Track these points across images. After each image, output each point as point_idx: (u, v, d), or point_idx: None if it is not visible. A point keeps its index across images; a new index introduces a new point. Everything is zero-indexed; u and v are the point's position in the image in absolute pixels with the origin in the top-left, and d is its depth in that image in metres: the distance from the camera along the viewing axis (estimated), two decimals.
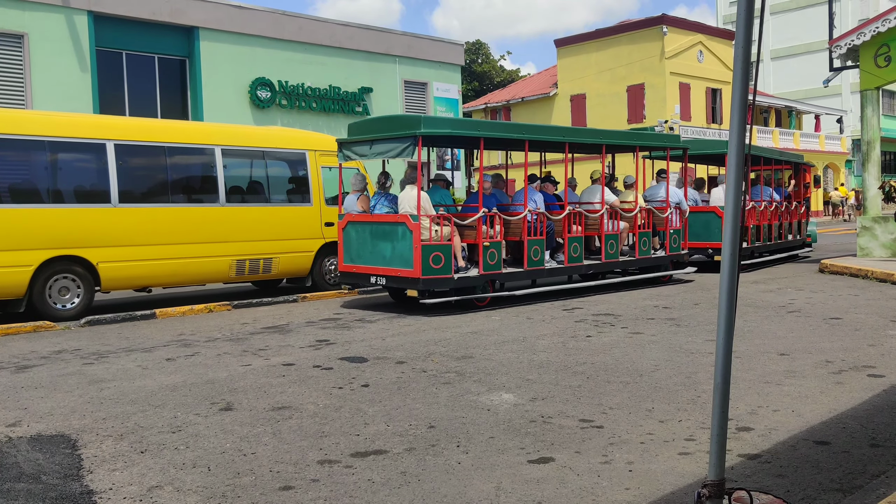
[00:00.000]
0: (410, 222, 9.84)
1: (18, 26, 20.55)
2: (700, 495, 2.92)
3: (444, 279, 9.93)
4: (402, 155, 10.12)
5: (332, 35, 27.58)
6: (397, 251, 10.05)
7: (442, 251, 9.89)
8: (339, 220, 11.12)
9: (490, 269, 10.42)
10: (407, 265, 9.86)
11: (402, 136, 10.01)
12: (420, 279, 9.72)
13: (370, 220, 10.63)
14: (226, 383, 6.13)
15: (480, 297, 10.56)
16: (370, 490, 3.74)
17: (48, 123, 10.09)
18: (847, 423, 4.71)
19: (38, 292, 9.70)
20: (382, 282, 10.32)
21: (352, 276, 10.84)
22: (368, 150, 10.59)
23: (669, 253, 13.26)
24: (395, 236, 10.11)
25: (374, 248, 10.43)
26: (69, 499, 3.70)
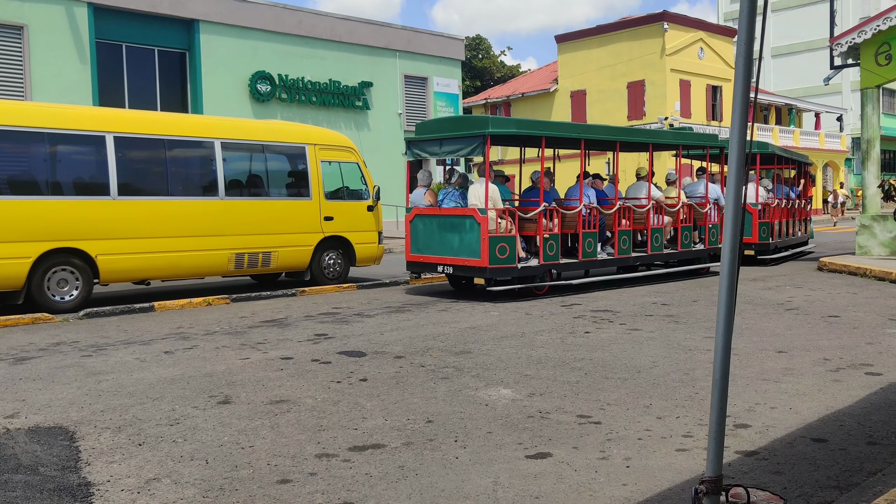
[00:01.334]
0: (478, 215, 10.52)
1: (18, 17, 20.50)
2: (697, 491, 2.92)
3: (509, 268, 10.63)
4: (471, 153, 11.04)
5: (332, 29, 27.54)
6: (465, 242, 10.74)
7: (507, 242, 10.57)
8: (407, 213, 11.84)
9: (549, 259, 11.15)
10: (474, 255, 10.56)
11: (472, 135, 10.76)
12: (487, 268, 10.41)
13: (438, 213, 11.33)
14: (224, 376, 6.13)
15: (539, 285, 11.21)
16: (368, 484, 3.74)
17: (47, 115, 10.07)
18: (844, 421, 4.71)
19: (37, 284, 9.69)
20: (449, 270, 11.05)
21: (418, 265, 11.58)
22: (438, 148, 11.36)
23: (708, 246, 14.14)
24: (462, 228, 10.80)
25: (442, 239, 11.14)
26: (67, 490, 3.70)
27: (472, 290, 11.79)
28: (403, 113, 29.94)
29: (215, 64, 24.36)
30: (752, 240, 15.68)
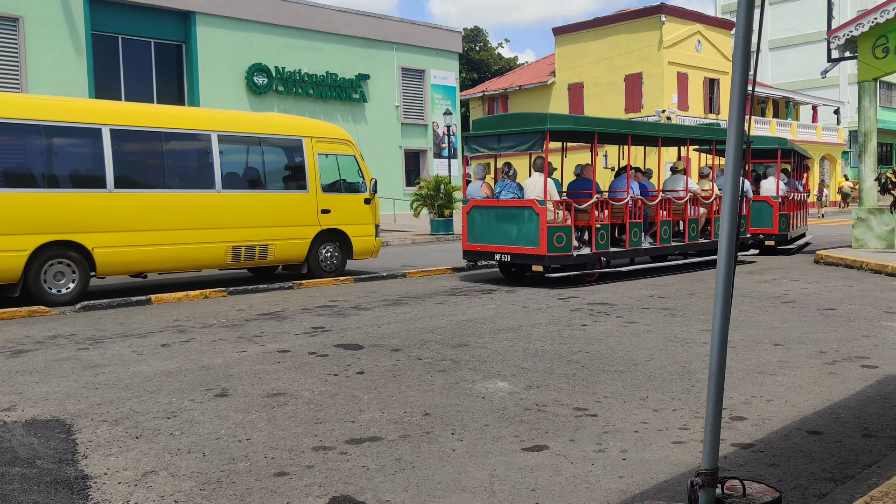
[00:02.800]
0: (537, 206, 11.16)
1: (14, 9, 20.42)
2: (693, 484, 2.93)
3: (566, 256, 11.31)
4: (531, 148, 11.65)
5: (329, 21, 27.47)
6: (523, 231, 11.34)
7: (564, 232, 11.22)
8: (464, 205, 12.35)
9: (600, 248, 11.85)
10: (533, 244, 11.16)
11: (532, 131, 11.39)
12: (546, 256, 11.04)
13: (496, 204, 11.88)
14: (221, 369, 6.13)
15: (590, 272, 11.86)
16: (365, 476, 3.75)
17: (43, 108, 10.04)
18: (840, 414, 4.73)
19: (34, 277, 9.68)
20: (507, 258, 11.64)
21: (475, 253, 12.18)
22: (497, 143, 11.98)
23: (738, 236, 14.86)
24: (521, 219, 11.41)
25: (499, 229, 11.73)
26: (64, 483, 3.71)
27: (521, 278, 12.43)
28: (401, 105, 29.90)
29: (212, 56, 24.29)
30: (773, 230, 16.32)
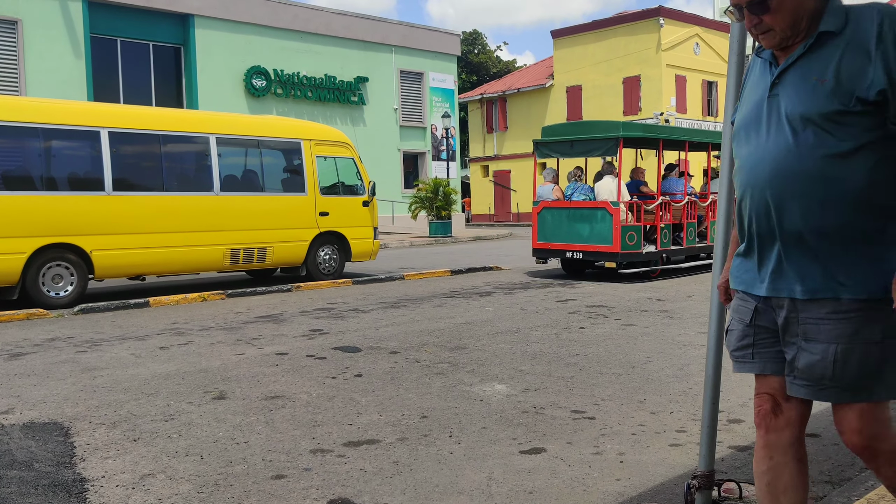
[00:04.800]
0: (611, 207, 12.03)
1: (12, 12, 20.44)
2: (690, 486, 2.94)
3: (636, 253, 12.23)
4: (604, 154, 12.66)
5: (327, 24, 27.49)
6: (596, 231, 12.16)
7: (635, 231, 12.17)
8: (535, 206, 13.15)
9: (664, 245, 12.86)
10: (606, 242, 12.01)
11: (606, 137, 12.26)
12: (619, 253, 11.94)
13: (567, 205, 12.72)
14: (219, 372, 6.13)
15: (653, 269, 12.71)
16: (362, 479, 3.75)
17: (42, 110, 10.06)
18: None
19: (32, 280, 9.68)
20: (578, 256, 12.43)
21: (546, 251, 13.01)
22: (569, 149, 12.84)
23: None
24: (594, 219, 12.23)
25: (571, 228, 12.54)
26: (62, 486, 3.71)
27: (581, 273, 13.35)
28: (399, 108, 29.92)
29: (210, 59, 24.31)
30: None
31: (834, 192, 2.06)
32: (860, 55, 2.03)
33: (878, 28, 2.01)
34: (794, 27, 2.12)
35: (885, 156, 2.06)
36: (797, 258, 2.15)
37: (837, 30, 2.08)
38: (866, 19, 2.05)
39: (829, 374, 2.12)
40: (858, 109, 2.02)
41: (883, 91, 1.99)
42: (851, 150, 2.04)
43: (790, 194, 2.11)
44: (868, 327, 2.08)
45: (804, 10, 2.12)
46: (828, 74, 2.05)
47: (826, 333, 2.12)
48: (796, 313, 2.17)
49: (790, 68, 2.15)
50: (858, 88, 2.01)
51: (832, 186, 2.06)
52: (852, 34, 2.05)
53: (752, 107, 2.26)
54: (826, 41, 2.09)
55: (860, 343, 2.08)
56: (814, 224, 2.09)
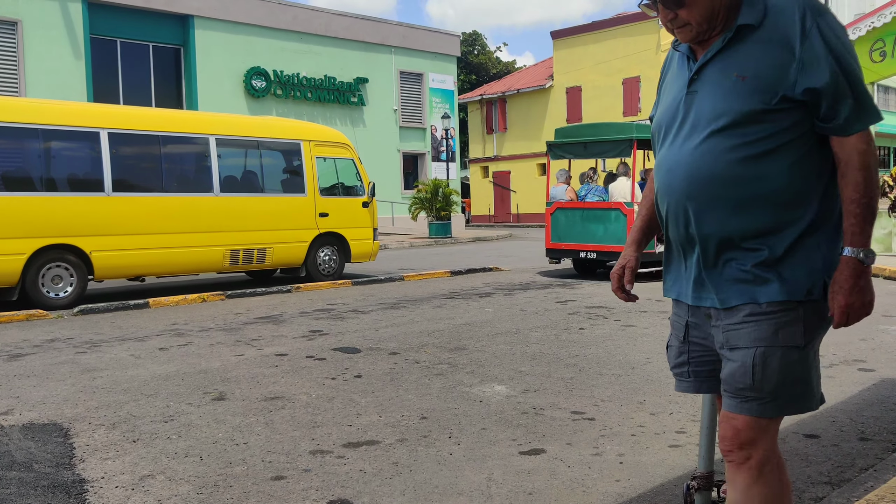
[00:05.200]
0: (625, 208, 12.20)
1: (12, 13, 20.44)
2: (689, 487, 2.93)
3: (650, 253, 12.02)
4: (618, 155, 12.72)
5: (327, 25, 27.50)
6: (609, 231, 12.31)
7: None
8: (548, 206, 13.29)
9: None
10: (620, 242, 12.00)
11: (620, 139, 12.44)
12: None
13: (581, 206, 12.93)
14: (219, 373, 6.13)
15: None
16: (362, 480, 3.75)
17: (42, 111, 10.06)
18: (837, 417, 4.73)
19: (31, 281, 9.68)
20: (592, 256, 12.57)
21: (559, 251, 13.21)
22: (583, 150, 13.04)
23: None
24: (607, 219, 12.41)
25: (584, 228, 12.72)
26: (61, 487, 3.71)
27: (593, 273, 13.49)
28: (399, 109, 29.93)
29: (210, 60, 24.31)
30: None
31: (752, 194, 1.96)
32: (782, 50, 1.92)
33: (801, 22, 1.91)
34: (710, 21, 2.01)
35: (806, 154, 1.97)
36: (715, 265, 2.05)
37: (756, 23, 1.97)
38: (786, 12, 1.94)
39: (750, 383, 2.00)
40: (781, 107, 1.92)
41: (813, 90, 1.89)
42: (771, 149, 1.94)
43: (707, 199, 2.00)
44: (788, 330, 1.98)
45: (720, 2, 2.01)
46: (748, 71, 1.94)
47: (745, 337, 2.00)
48: (720, 322, 2.07)
49: (708, 64, 2.04)
50: (782, 86, 1.91)
51: (750, 189, 1.95)
52: (772, 27, 1.95)
53: (670, 104, 2.14)
54: (745, 35, 1.99)
55: (780, 347, 1.98)
56: (732, 229, 1.99)
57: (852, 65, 1.91)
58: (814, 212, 1.98)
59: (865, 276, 1.98)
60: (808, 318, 1.99)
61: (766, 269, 1.98)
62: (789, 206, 1.96)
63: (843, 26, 1.96)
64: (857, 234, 1.96)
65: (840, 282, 1.96)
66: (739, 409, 2.04)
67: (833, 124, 1.93)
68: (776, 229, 1.97)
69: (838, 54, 1.90)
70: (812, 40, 1.89)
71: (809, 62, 1.89)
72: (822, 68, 1.88)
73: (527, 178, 40.30)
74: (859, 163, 1.92)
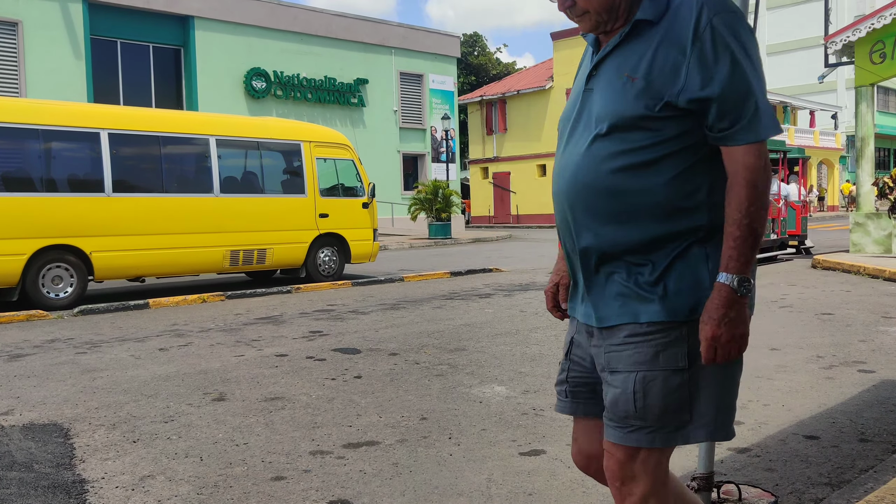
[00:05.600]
0: None
1: (13, 13, 20.45)
2: (689, 488, 2.94)
3: None
4: None
5: (327, 26, 27.50)
6: None
7: None
8: None
9: None
10: None
11: None
12: None
13: None
14: (219, 374, 6.14)
15: None
16: (362, 481, 3.75)
17: (42, 112, 10.06)
18: (836, 418, 4.73)
19: (32, 281, 9.69)
20: None
21: None
22: None
23: (780, 236, 16.55)
24: None
25: None
26: (61, 487, 3.71)
27: None
28: (399, 110, 29.94)
29: (210, 60, 24.32)
30: (797, 232, 17.40)
31: (633, 206, 1.79)
32: (675, 52, 1.73)
33: (696, 21, 1.71)
34: (610, 10, 1.83)
35: (695, 165, 1.78)
36: (595, 279, 1.89)
37: (655, 18, 1.78)
38: (685, 7, 1.74)
39: (633, 411, 1.82)
40: (665, 115, 1.74)
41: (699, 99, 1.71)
42: (654, 159, 1.76)
43: (585, 208, 1.84)
44: (670, 353, 1.79)
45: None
46: (638, 71, 1.76)
47: (625, 360, 1.83)
48: (602, 342, 1.91)
49: (606, 60, 1.85)
50: (668, 92, 1.72)
51: (631, 200, 1.78)
52: (670, 25, 1.75)
53: (571, 102, 1.97)
54: (642, 31, 1.79)
55: (661, 371, 1.79)
56: (612, 242, 1.82)
57: (748, 69, 1.72)
58: (702, 225, 1.80)
59: (738, 307, 1.73)
60: (694, 339, 1.79)
61: (648, 286, 1.81)
62: (673, 220, 1.78)
63: (746, 26, 1.75)
64: (734, 259, 1.72)
65: (709, 310, 1.74)
66: (625, 439, 1.86)
67: (719, 133, 1.74)
68: (659, 244, 1.79)
69: (733, 57, 1.70)
70: (705, 41, 1.70)
71: (700, 65, 1.70)
72: (712, 72, 1.70)
73: (526, 179, 40.31)
74: (745, 178, 1.72)
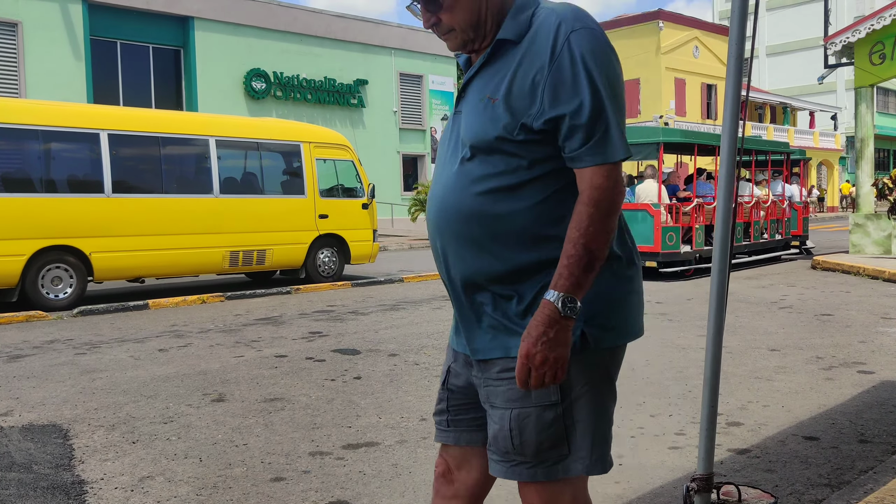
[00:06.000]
0: (651, 209, 12.57)
1: (13, 14, 20.45)
2: (688, 489, 2.93)
3: (675, 253, 12.82)
4: (645, 158, 13.14)
5: (327, 26, 27.50)
6: (636, 231, 12.37)
7: (674, 231, 12.80)
8: None
9: (699, 245, 13.40)
10: (647, 242, 12.49)
11: (647, 142, 12.76)
12: (660, 253, 12.53)
13: None
14: (218, 374, 6.13)
15: (688, 268, 13.24)
16: (361, 482, 3.75)
17: (42, 112, 10.06)
18: (836, 419, 4.74)
19: (31, 282, 9.68)
20: None
21: None
22: None
23: (784, 236, 16.91)
24: (634, 220, 12.58)
25: None
26: (60, 488, 3.71)
27: None
28: (399, 111, 29.94)
29: (210, 61, 24.31)
30: (798, 233, 17.63)
31: (496, 234, 1.71)
32: (533, 72, 1.66)
33: (553, 40, 1.65)
34: (476, 28, 1.77)
35: (561, 191, 1.71)
36: (466, 310, 1.82)
37: (517, 38, 1.71)
38: (545, 27, 1.68)
39: (511, 447, 1.76)
40: (524, 138, 1.67)
41: (552, 119, 1.65)
42: (518, 184, 1.69)
43: (452, 236, 1.76)
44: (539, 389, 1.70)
45: (485, 7, 1.77)
46: (499, 93, 1.69)
47: (501, 396, 1.77)
48: (480, 374, 1.84)
49: (473, 80, 1.79)
50: (526, 114, 1.66)
51: (494, 228, 1.71)
52: (530, 45, 1.69)
53: (448, 124, 1.91)
54: (505, 51, 1.73)
55: (533, 407, 1.73)
56: (477, 271, 1.75)
57: (602, 90, 1.64)
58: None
59: (559, 328, 1.63)
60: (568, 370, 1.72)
61: (517, 319, 1.74)
62: (539, 248, 1.71)
63: (605, 45, 1.69)
64: (564, 278, 1.63)
65: (529, 328, 1.65)
66: (508, 473, 1.82)
67: (570, 154, 1.67)
68: (524, 274, 1.72)
69: (588, 77, 1.63)
70: (562, 60, 1.63)
71: (555, 85, 1.64)
72: (565, 92, 1.63)
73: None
74: (589, 197, 1.64)
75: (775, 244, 16.43)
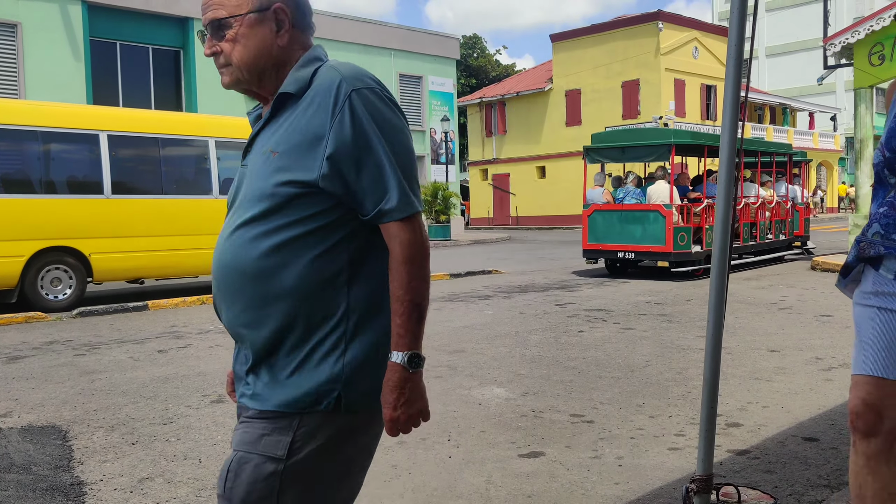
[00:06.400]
0: (663, 210, 12.71)
1: (12, 15, 20.44)
2: (688, 490, 2.94)
3: (686, 253, 12.89)
4: (656, 160, 13.47)
5: (326, 27, 27.48)
6: (648, 232, 12.86)
7: (685, 232, 12.89)
8: (585, 209, 13.76)
9: (709, 245, 13.14)
10: (659, 242, 12.73)
11: (659, 144, 13.02)
12: (672, 253, 12.71)
13: (619, 208, 13.43)
14: (217, 375, 6.13)
15: (698, 267, 13.26)
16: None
17: (41, 113, 10.06)
18: (836, 420, 4.73)
19: (31, 283, 9.68)
20: (630, 256, 13.14)
21: (597, 252, 13.68)
22: (621, 154, 13.67)
23: (788, 237, 17.05)
24: (646, 220, 12.90)
25: (623, 230, 13.20)
26: (59, 490, 3.70)
27: (624, 272, 14.00)
28: None
29: (210, 62, 24.16)
30: (800, 233, 17.69)
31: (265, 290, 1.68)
32: (314, 128, 1.66)
33: (335, 97, 1.66)
34: (252, 72, 1.77)
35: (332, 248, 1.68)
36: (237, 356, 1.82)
37: (298, 93, 1.72)
38: (325, 84, 1.70)
39: (222, 490, 1.69)
40: (300, 192, 1.65)
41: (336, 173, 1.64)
42: (288, 239, 1.67)
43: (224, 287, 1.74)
44: (272, 439, 1.67)
45: (268, 54, 1.77)
46: (280, 147, 1.68)
47: (236, 438, 1.73)
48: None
49: (260, 133, 1.80)
50: (304, 167, 1.64)
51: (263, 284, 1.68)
52: (311, 101, 1.69)
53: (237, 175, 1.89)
54: (288, 105, 1.74)
55: (257, 454, 1.67)
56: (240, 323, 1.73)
57: (380, 150, 1.66)
58: (340, 313, 1.69)
59: (412, 385, 1.67)
60: (304, 431, 1.67)
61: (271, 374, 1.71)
62: (305, 307, 1.68)
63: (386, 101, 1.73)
64: (402, 337, 1.66)
65: (384, 393, 1.68)
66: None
67: (368, 217, 1.67)
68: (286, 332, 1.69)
69: (366, 139, 1.65)
70: (343, 118, 1.64)
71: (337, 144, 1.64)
72: (347, 151, 1.64)
73: (526, 180, 40.31)
74: (402, 255, 1.65)
75: (779, 244, 16.58)
